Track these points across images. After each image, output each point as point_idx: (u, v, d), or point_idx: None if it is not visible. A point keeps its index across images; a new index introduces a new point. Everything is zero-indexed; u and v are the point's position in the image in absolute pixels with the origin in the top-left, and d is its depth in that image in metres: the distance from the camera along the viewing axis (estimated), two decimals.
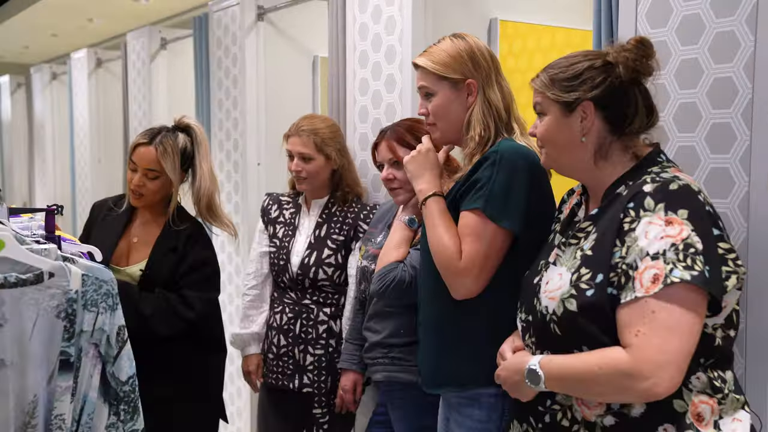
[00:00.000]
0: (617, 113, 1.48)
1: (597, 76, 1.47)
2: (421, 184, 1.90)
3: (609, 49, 1.50)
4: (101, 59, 5.56)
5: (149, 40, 4.50)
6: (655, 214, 1.33)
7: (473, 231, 1.75)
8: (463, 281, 1.76)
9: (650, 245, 1.31)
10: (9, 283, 1.45)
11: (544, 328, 1.47)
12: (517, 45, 2.99)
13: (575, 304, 1.40)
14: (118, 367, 1.55)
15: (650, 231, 1.32)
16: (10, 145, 7.65)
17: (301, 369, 2.61)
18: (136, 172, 2.43)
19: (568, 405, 1.45)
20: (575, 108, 1.48)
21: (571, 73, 1.49)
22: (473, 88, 1.87)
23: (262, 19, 3.46)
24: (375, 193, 2.75)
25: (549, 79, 1.52)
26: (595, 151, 1.49)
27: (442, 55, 1.89)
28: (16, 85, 7.54)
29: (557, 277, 1.47)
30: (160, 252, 2.41)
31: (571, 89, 1.48)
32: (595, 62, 1.48)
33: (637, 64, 1.46)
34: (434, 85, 1.89)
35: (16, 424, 1.48)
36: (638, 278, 1.30)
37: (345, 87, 2.86)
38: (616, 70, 1.47)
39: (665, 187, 1.36)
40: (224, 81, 3.60)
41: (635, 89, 1.49)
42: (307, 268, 2.61)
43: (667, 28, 1.81)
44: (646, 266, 1.30)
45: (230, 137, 3.57)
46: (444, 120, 1.91)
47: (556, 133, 1.52)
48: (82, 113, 5.62)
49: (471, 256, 1.74)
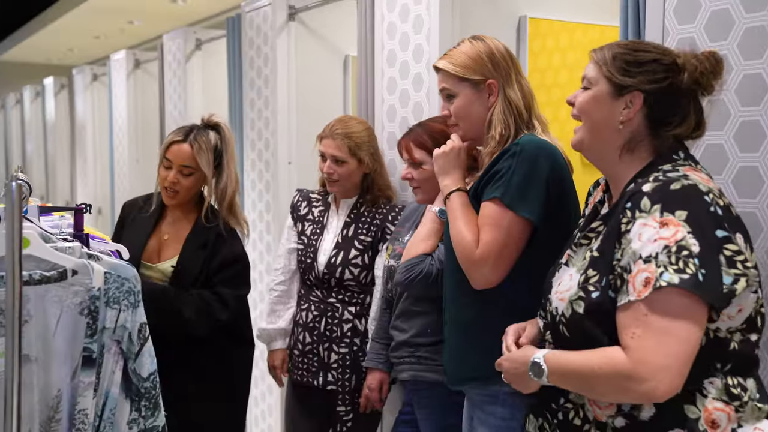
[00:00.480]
0: (663, 115, 1.43)
1: (660, 72, 1.42)
2: (446, 180, 1.95)
3: (681, 52, 1.45)
4: (139, 60, 5.65)
5: (184, 41, 4.55)
6: (650, 215, 1.30)
7: (491, 220, 1.78)
8: (480, 270, 1.78)
9: (643, 248, 1.28)
10: (34, 280, 1.49)
11: (555, 329, 1.46)
12: (548, 42, 2.96)
13: (582, 307, 1.38)
14: (140, 363, 1.58)
15: (644, 233, 1.29)
16: (54, 145, 7.81)
17: (325, 366, 2.63)
18: (171, 170, 2.47)
19: (580, 404, 1.43)
20: (624, 93, 1.44)
21: (635, 59, 1.44)
22: (494, 88, 1.92)
23: (294, 18, 3.48)
24: (403, 193, 2.75)
25: (611, 55, 1.46)
26: (625, 142, 1.45)
27: (462, 57, 1.94)
28: (60, 87, 7.70)
29: (568, 278, 1.46)
30: (191, 248, 2.46)
31: (629, 74, 1.43)
32: (664, 58, 1.44)
33: (702, 77, 1.41)
34: (455, 86, 1.94)
35: (41, 417, 1.51)
36: (631, 281, 1.28)
37: (373, 86, 2.87)
38: (680, 74, 1.42)
39: (665, 186, 1.32)
40: (256, 81, 3.63)
41: (690, 99, 1.44)
42: (334, 268, 2.62)
43: (695, 24, 1.77)
44: (638, 269, 1.28)
45: (262, 137, 3.60)
46: (466, 120, 1.95)
47: (596, 108, 1.47)
48: (121, 114, 5.72)
49: (488, 244, 1.76)
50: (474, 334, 1.87)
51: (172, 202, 2.51)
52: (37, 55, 9.91)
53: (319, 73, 3.54)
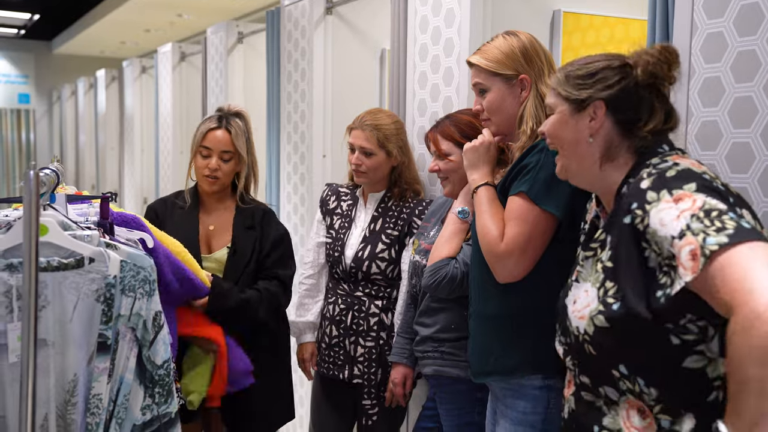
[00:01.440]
0: (629, 116, 1.43)
1: (613, 76, 1.44)
2: (474, 174, 1.98)
3: (631, 52, 1.46)
4: (185, 53, 5.73)
5: (227, 34, 4.60)
6: (660, 200, 1.26)
7: (517, 214, 1.79)
8: (505, 264, 1.79)
9: (671, 229, 1.22)
10: (51, 266, 1.53)
11: (580, 350, 1.41)
12: (583, 37, 2.91)
13: (603, 320, 1.34)
14: (154, 351, 1.61)
15: (664, 217, 1.24)
16: (104, 136, 8.00)
17: (351, 360, 2.63)
18: (210, 158, 2.54)
19: (617, 430, 1.38)
20: (586, 107, 1.45)
21: (586, 72, 1.46)
22: (526, 83, 1.93)
23: (331, 12, 3.49)
24: (431, 187, 2.74)
25: (564, 77, 1.49)
26: (602, 153, 1.45)
27: (495, 52, 1.95)
28: (111, 79, 7.87)
29: (583, 294, 1.42)
30: (241, 230, 2.55)
31: (584, 87, 1.45)
32: (613, 63, 1.45)
33: (656, 68, 1.41)
34: (488, 81, 1.96)
35: (58, 401, 1.55)
36: (679, 264, 1.20)
37: (405, 80, 2.86)
38: (633, 72, 1.42)
39: (662, 175, 1.31)
40: (293, 74, 3.65)
41: (651, 92, 1.43)
42: (361, 262, 2.63)
43: (724, 19, 1.72)
44: (679, 248, 1.20)
45: (298, 129, 3.62)
46: (498, 115, 1.97)
47: (563, 130, 1.49)
48: (166, 106, 5.82)
49: (513, 238, 1.77)
50: (497, 328, 1.88)
51: (214, 188, 2.57)
52: (91, 48, 10.17)
53: (355, 67, 3.55)
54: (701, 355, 1.29)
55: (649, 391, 1.32)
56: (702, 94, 1.76)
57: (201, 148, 2.55)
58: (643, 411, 1.34)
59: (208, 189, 2.57)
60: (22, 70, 11.57)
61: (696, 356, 1.29)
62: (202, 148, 2.54)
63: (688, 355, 1.29)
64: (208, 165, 2.53)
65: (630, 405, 1.36)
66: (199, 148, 2.56)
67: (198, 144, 2.56)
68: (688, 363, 1.29)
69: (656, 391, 1.31)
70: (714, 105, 1.72)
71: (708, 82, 1.74)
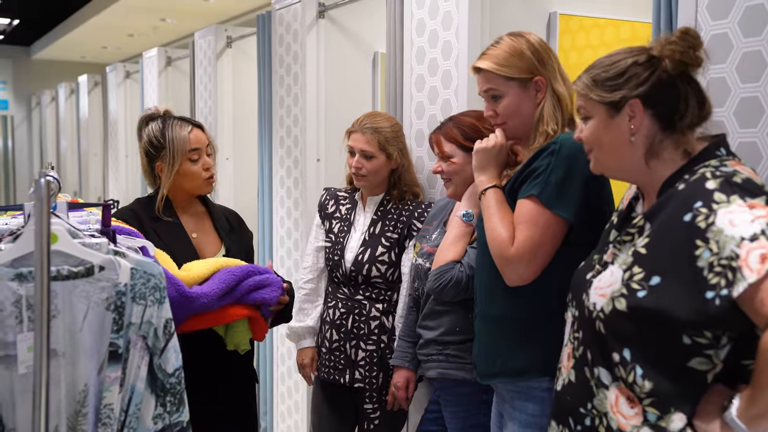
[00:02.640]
0: (667, 109, 1.41)
1: (642, 72, 1.42)
2: (482, 176, 1.95)
3: (653, 44, 1.44)
4: (171, 58, 5.69)
5: (215, 38, 4.58)
6: (731, 203, 1.26)
7: (528, 218, 1.77)
8: (515, 267, 1.78)
9: (743, 230, 1.22)
10: (61, 275, 1.50)
11: (589, 325, 1.43)
12: (579, 39, 2.92)
13: (624, 304, 1.34)
14: (165, 359, 1.58)
15: (735, 218, 1.24)
16: (87, 142, 7.91)
17: (352, 364, 2.62)
18: (200, 159, 2.37)
19: (603, 412, 1.40)
20: (622, 107, 1.43)
21: (615, 72, 1.44)
22: (542, 84, 1.89)
23: (323, 16, 3.48)
24: (431, 190, 2.74)
25: (591, 80, 1.47)
26: (646, 150, 1.44)
27: (505, 56, 1.90)
28: (93, 84, 7.80)
29: (609, 275, 1.42)
30: (226, 234, 2.44)
31: (616, 88, 1.43)
32: (639, 58, 1.43)
33: (685, 56, 1.39)
34: (502, 86, 1.91)
35: (68, 411, 1.52)
36: (744, 264, 1.20)
37: (402, 83, 2.86)
38: (662, 64, 1.41)
39: (729, 180, 1.30)
40: (285, 78, 3.63)
41: (685, 83, 1.42)
42: (361, 265, 2.62)
43: (728, 20, 1.73)
44: (748, 250, 1.20)
45: (291, 134, 3.60)
46: (514, 119, 1.92)
47: (603, 135, 1.47)
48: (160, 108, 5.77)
49: (524, 242, 1.76)
50: (504, 330, 1.87)
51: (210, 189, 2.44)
52: (72, 53, 10.08)
53: (347, 71, 3.54)
54: (708, 359, 1.30)
55: (643, 383, 1.33)
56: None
57: (191, 153, 2.35)
58: (632, 400, 1.36)
59: (209, 191, 2.44)
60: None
61: (702, 358, 1.30)
62: (192, 152, 2.35)
63: (695, 356, 1.30)
64: (204, 166, 2.37)
65: (620, 391, 1.37)
66: (188, 154, 2.35)
67: (186, 151, 2.34)
68: (693, 363, 1.31)
69: (651, 384, 1.32)
70: (720, 105, 1.73)
71: (713, 83, 1.75)
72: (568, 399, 1.49)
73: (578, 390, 1.46)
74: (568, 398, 1.48)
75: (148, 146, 2.39)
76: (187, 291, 1.93)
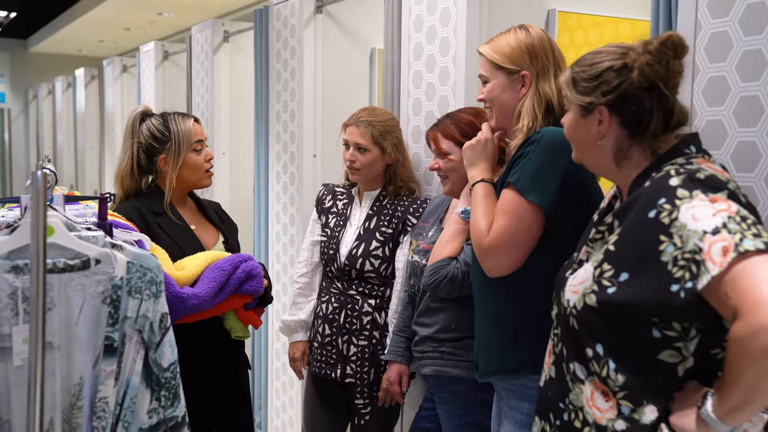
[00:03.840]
0: (633, 119, 1.43)
1: (613, 80, 1.43)
2: (473, 171, 1.98)
3: (633, 48, 1.43)
4: (168, 52, 5.67)
5: (213, 33, 4.56)
6: (693, 198, 1.27)
7: (503, 207, 1.79)
8: (491, 257, 1.79)
9: (705, 224, 1.23)
10: (57, 268, 1.49)
11: (565, 321, 1.45)
12: (577, 37, 2.92)
13: (594, 300, 1.37)
14: (161, 353, 1.58)
15: (697, 213, 1.25)
16: (84, 135, 7.89)
17: (344, 359, 2.62)
18: (202, 149, 2.42)
19: (579, 407, 1.42)
20: (592, 111, 1.46)
21: (590, 74, 1.46)
22: (527, 80, 1.91)
23: (321, 11, 3.47)
24: (427, 187, 2.73)
25: (571, 78, 1.49)
26: (614, 153, 1.46)
27: (501, 45, 1.95)
28: (90, 78, 7.77)
29: (583, 272, 1.44)
30: (219, 224, 2.52)
31: (587, 92, 1.46)
32: (615, 63, 1.44)
33: (653, 71, 1.40)
34: (490, 73, 1.96)
35: (63, 405, 1.52)
36: (707, 258, 1.21)
37: (399, 79, 2.85)
38: (630, 74, 1.41)
39: (692, 176, 1.31)
40: (282, 73, 3.62)
41: (650, 94, 1.42)
42: (355, 259, 2.62)
43: (729, 18, 1.73)
44: (710, 243, 1.21)
45: (287, 129, 3.60)
46: (496, 106, 1.96)
47: (575, 132, 1.52)
48: (149, 105, 5.76)
49: (497, 231, 1.78)
50: (498, 327, 1.88)
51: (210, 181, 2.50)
52: (69, 47, 10.05)
53: (345, 66, 3.53)
54: (677, 352, 1.32)
55: (616, 377, 1.35)
56: (706, 94, 1.77)
57: (196, 144, 2.39)
58: (607, 394, 1.37)
59: (207, 184, 2.48)
60: None
61: (672, 351, 1.32)
62: (197, 143, 2.39)
63: (665, 349, 1.32)
64: (206, 157, 2.42)
65: (595, 386, 1.39)
66: (194, 144, 2.39)
67: (192, 141, 2.38)
68: (663, 356, 1.32)
69: (623, 378, 1.34)
70: (719, 104, 1.73)
71: (712, 82, 1.75)
72: (549, 395, 1.51)
73: (557, 386, 1.48)
74: (549, 394, 1.51)
75: (150, 140, 2.41)
76: (179, 291, 1.93)
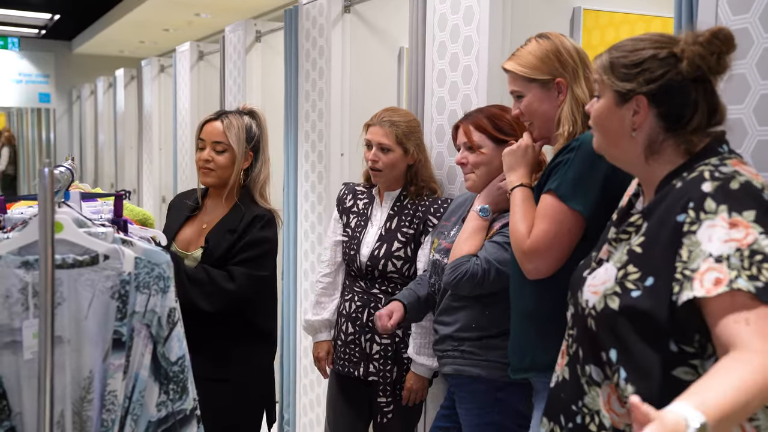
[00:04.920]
0: (673, 111, 1.37)
1: (657, 68, 1.36)
2: (512, 176, 2.01)
3: (681, 38, 1.37)
4: (203, 52, 5.74)
5: (245, 33, 4.60)
6: (717, 215, 1.22)
7: (544, 212, 1.81)
8: (531, 260, 1.81)
9: (714, 247, 1.19)
10: (67, 264, 1.52)
11: (582, 322, 1.41)
12: (608, 35, 2.87)
13: (617, 303, 1.32)
14: (169, 347, 1.60)
15: (713, 234, 1.20)
16: (123, 135, 8.04)
17: (367, 357, 2.62)
18: (204, 149, 2.52)
19: (596, 410, 1.38)
20: (629, 99, 1.39)
21: (632, 61, 1.38)
22: (562, 86, 1.93)
23: (349, 10, 3.47)
24: (450, 186, 2.72)
25: (609, 62, 1.41)
26: (646, 147, 1.40)
27: (528, 58, 1.96)
28: (130, 78, 7.91)
29: (603, 272, 1.39)
30: (221, 230, 2.46)
31: (627, 79, 1.38)
32: (660, 52, 1.37)
33: (704, 61, 1.33)
34: (524, 88, 1.97)
35: (73, 398, 1.55)
36: (698, 278, 1.18)
37: (423, 78, 2.84)
38: (678, 65, 1.35)
39: (725, 185, 1.25)
40: (311, 72, 3.64)
41: (699, 87, 1.36)
42: (377, 260, 2.61)
43: (749, 15, 1.68)
44: (708, 267, 1.18)
45: (315, 128, 3.61)
46: (537, 119, 1.98)
47: (607, 120, 1.44)
48: (185, 105, 5.83)
49: (538, 235, 1.80)
50: (532, 324, 1.90)
51: (209, 179, 2.51)
52: (110, 48, 10.25)
53: (373, 66, 3.53)
54: (693, 369, 1.27)
55: (626, 386, 1.30)
56: (726, 91, 1.71)
57: (198, 141, 2.55)
58: (621, 399, 1.33)
59: (203, 180, 2.53)
60: (42, 70, 11.66)
61: (687, 368, 1.27)
62: (199, 140, 2.55)
63: (680, 365, 1.27)
64: (201, 156, 2.52)
65: (612, 390, 1.35)
66: (197, 140, 2.56)
67: (196, 137, 2.57)
68: (677, 372, 1.27)
69: (633, 389, 1.29)
70: (739, 102, 1.69)
71: (732, 79, 1.70)
72: (561, 396, 1.47)
73: (571, 387, 1.44)
74: (562, 395, 1.47)
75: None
76: None
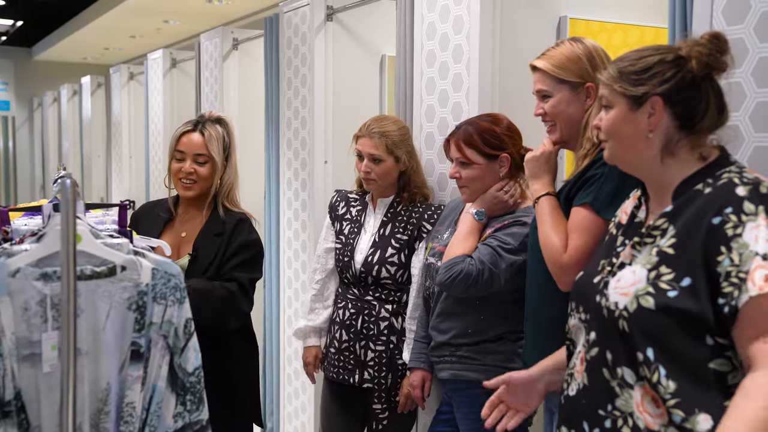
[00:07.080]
0: (687, 109, 1.43)
1: (668, 70, 1.43)
2: (536, 184, 2.00)
3: (681, 44, 1.46)
4: (176, 59, 5.69)
5: (222, 40, 4.58)
6: (758, 216, 1.29)
7: (581, 225, 1.81)
8: (568, 274, 1.80)
9: (761, 246, 1.27)
10: (84, 275, 1.51)
11: (610, 325, 1.43)
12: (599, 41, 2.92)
13: (652, 302, 1.36)
14: (185, 358, 1.60)
15: (759, 234, 1.28)
16: (90, 143, 7.92)
17: (361, 364, 2.64)
18: (184, 161, 2.50)
19: (629, 412, 1.41)
20: (643, 102, 1.45)
21: (641, 66, 1.45)
22: (591, 91, 1.93)
23: (331, 19, 3.49)
24: (441, 192, 2.75)
25: (617, 72, 1.48)
26: (662, 147, 1.45)
27: (561, 58, 1.96)
28: (96, 85, 7.80)
29: (630, 274, 1.43)
30: (207, 236, 2.48)
31: (640, 83, 1.44)
32: (667, 56, 1.44)
33: (711, 59, 1.41)
34: (552, 88, 1.97)
35: (91, 410, 1.54)
36: (750, 278, 1.26)
37: (412, 86, 2.87)
38: (688, 65, 1.42)
39: (757, 188, 1.33)
40: (293, 80, 3.65)
41: (708, 85, 1.44)
42: (371, 267, 2.63)
43: (744, 25, 1.75)
44: (757, 266, 1.25)
45: (298, 136, 3.62)
46: (562, 120, 1.98)
47: (622, 127, 1.48)
48: (157, 112, 5.78)
49: (576, 249, 1.80)
50: (553, 331, 1.89)
51: (189, 193, 2.51)
52: (73, 55, 10.08)
53: (355, 73, 3.55)
54: (728, 361, 1.33)
55: (667, 383, 1.33)
56: None
57: (176, 152, 2.52)
58: (656, 400, 1.36)
59: (184, 194, 2.52)
60: (1, 77, 11.43)
61: (723, 360, 1.33)
62: (177, 152, 2.52)
63: (716, 357, 1.33)
64: (182, 168, 2.50)
65: (645, 391, 1.38)
66: (174, 152, 2.53)
67: (173, 148, 2.54)
68: (714, 365, 1.33)
69: (675, 385, 1.33)
70: (735, 110, 1.75)
71: (729, 88, 1.75)
72: (583, 402, 1.49)
73: (596, 392, 1.46)
74: (584, 402, 1.49)
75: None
76: None
